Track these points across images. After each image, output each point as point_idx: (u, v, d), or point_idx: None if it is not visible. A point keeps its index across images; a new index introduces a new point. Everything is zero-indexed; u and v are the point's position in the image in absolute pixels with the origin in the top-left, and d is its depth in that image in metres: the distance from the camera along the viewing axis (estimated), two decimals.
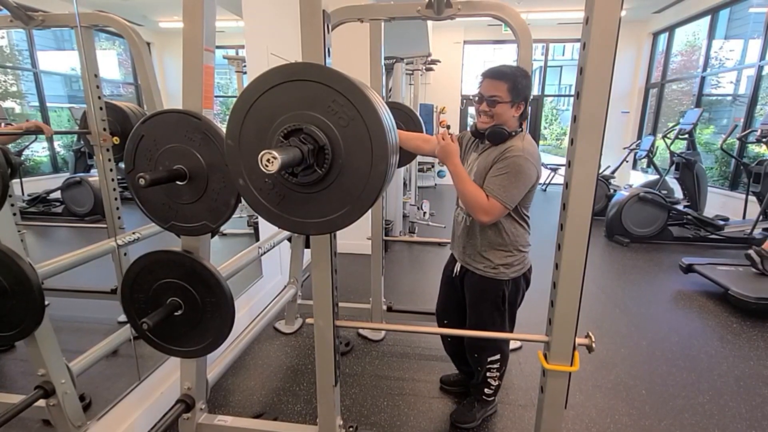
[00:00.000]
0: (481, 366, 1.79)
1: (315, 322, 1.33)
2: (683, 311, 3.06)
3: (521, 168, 1.45)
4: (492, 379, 1.80)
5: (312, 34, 1.08)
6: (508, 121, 1.53)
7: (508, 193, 1.45)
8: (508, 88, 1.49)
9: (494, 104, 1.51)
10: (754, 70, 5.71)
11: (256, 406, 1.98)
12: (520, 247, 1.62)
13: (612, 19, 0.94)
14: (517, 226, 1.60)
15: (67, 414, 1.40)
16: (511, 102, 1.50)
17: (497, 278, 1.62)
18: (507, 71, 1.50)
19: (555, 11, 7.32)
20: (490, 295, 1.65)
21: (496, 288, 1.63)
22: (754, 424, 1.89)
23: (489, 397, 1.87)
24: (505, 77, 1.49)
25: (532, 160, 1.46)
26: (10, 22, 1.66)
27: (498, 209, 1.46)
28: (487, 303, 1.66)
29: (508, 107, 1.50)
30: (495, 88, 1.50)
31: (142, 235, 1.98)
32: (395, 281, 3.57)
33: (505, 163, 1.47)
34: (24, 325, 1.24)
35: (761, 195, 4.45)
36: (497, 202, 1.45)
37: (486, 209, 1.45)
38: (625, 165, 7.55)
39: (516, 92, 1.49)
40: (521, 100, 1.51)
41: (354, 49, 2.86)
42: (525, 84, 1.51)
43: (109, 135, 1.82)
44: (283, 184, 0.89)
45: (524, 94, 1.51)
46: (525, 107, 1.54)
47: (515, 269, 1.63)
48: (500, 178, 1.46)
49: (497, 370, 1.79)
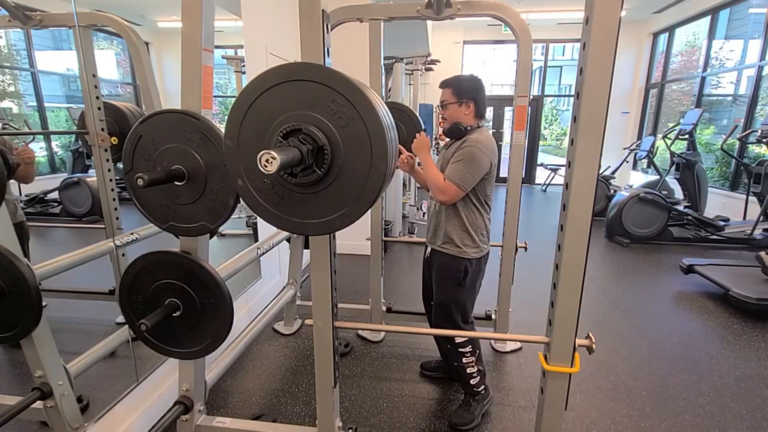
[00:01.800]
0: (455, 356, 1.85)
1: (314, 323, 1.32)
2: (684, 312, 3.05)
3: (474, 156, 1.67)
4: (470, 365, 1.86)
5: (311, 33, 1.08)
6: (461, 119, 1.77)
7: (462, 176, 1.67)
8: (452, 91, 1.77)
9: (445, 107, 1.79)
10: (755, 70, 5.71)
11: (255, 408, 1.98)
12: (478, 230, 1.80)
13: (612, 19, 0.94)
14: (476, 212, 1.79)
15: (65, 416, 1.39)
16: (458, 102, 1.76)
17: (459, 256, 1.79)
18: (451, 79, 1.80)
19: (555, 11, 7.32)
20: (453, 272, 1.81)
21: (458, 265, 1.80)
22: (755, 425, 1.89)
23: (478, 388, 1.89)
24: (449, 84, 1.78)
25: (485, 150, 1.68)
26: (8, 21, 1.66)
27: (453, 190, 1.68)
28: (450, 279, 1.82)
29: (457, 107, 1.76)
30: (444, 95, 1.80)
31: (140, 235, 1.97)
32: (395, 282, 3.56)
33: (461, 152, 1.70)
34: (21, 326, 1.23)
35: (762, 195, 4.44)
36: (452, 183, 1.68)
37: (443, 189, 1.69)
38: (626, 165, 7.55)
39: (460, 93, 1.75)
40: (469, 99, 1.75)
41: (353, 49, 2.86)
42: (468, 86, 1.76)
43: (107, 135, 1.82)
44: (282, 185, 0.88)
45: (470, 94, 1.75)
46: (476, 106, 1.76)
47: (475, 250, 1.80)
48: (455, 164, 1.69)
49: (471, 354, 1.85)
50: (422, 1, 1.90)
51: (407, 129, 2.27)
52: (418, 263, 4.20)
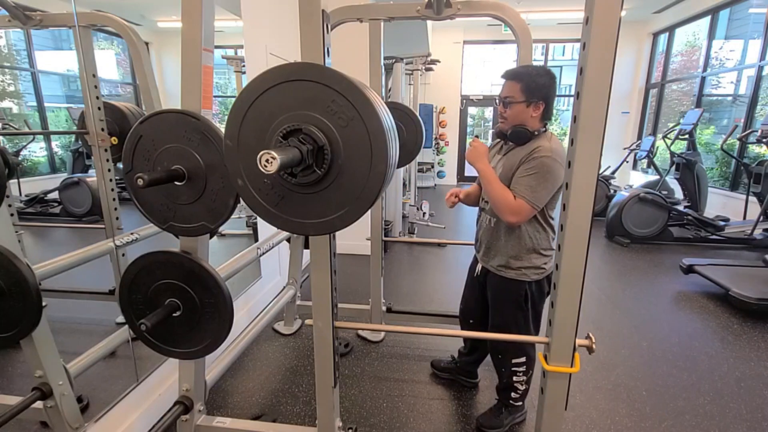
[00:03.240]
0: (506, 368, 1.75)
1: (314, 324, 1.32)
2: (684, 312, 3.05)
3: (550, 168, 1.44)
4: (519, 383, 1.76)
5: (311, 33, 1.07)
6: (526, 121, 1.52)
7: (536, 194, 1.44)
8: (522, 88, 1.49)
9: (509, 105, 1.52)
10: (755, 70, 5.71)
11: (255, 408, 1.98)
12: (542, 250, 1.60)
13: (612, 19, 0.94)
14: (540, 229, 1.58)
15: (65, 416, 1.39)
16: (525, 102, 1.49)
17: (519, 279, 1.62)
18: (521, 71, 1.50)
19: (555, 11, 7.33)
20: (512, 296, 1.64)
21: (518, 289, 1.63)
22: (755, 425, 1.89)
23: (516, 402, 1.81)
24: (518, 77, 1.49)
25: (560, 161, 1.44)
26: (8, 21, 1.65)
27: (526, 210, 1.45)
28: (509, 303, 1.66)
29: (524, 107, 1.50)
30: (509, 89, 1.52)
31: (140, 235, 1.97)
32: (395, 282, 3.56)
33: (533, 164, 1.46)
34: (21, 326, 1.23)
35: (762, 196, 4.44)
36: (525, 202, 1.44)
37: (514, 210, 1.46)
38: (626, 165, 7.54)
39: (530, 92, 1.48)
40: (539, 100, 1.49)
41: (353, 49, 2.86)
42: (542, 83, 1.48)
43: (107, 135, 1.82)
44: (282, 185, 0.88)
45: (542, 93, 1.49)
46: (546, 108, 1.52)
47: (537, 272, 1.61)
48: (528, 179, 1.45)
49: (524, 374, 1.74)
50: (422, 1, 1.90)
51: (407, 129, 2.26)
52: (419, 263, 4.23)
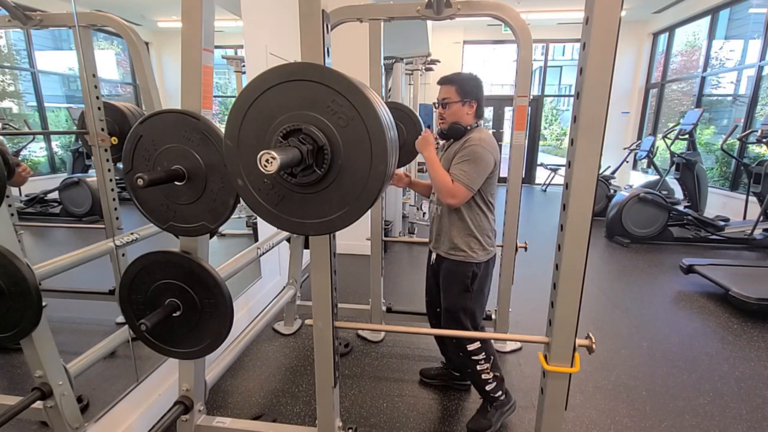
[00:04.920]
0: (465, 361, 1.80)
1: (314, 323, 1.32)
2: (684, 312, 3.05)
3: (479, 155, 1.63)
4: (484, 371, 1.79)
5: (311, 33, 1.07)
6: (462, 119, 1.72)
7: (470, 177, 1.62)
8: (456, 89, 1.70)
9: (447, 105, 1.72)
10: (755, 70, 5.71)
11: (255, 408, 1.98)
12: (485, 232, 1.76)
13: (612, 19, 0.94)
14: (479, 212, 1.74)
15: (65, 416, 1.39)
16: (461, 101, 1.70)
17: (466, 261, 1.75)
18: (454, 77, 1.73)
19: (555, 11, 7.32)
20: (460, 277, 1.76)
21: (465, 270, 1.75)
22: (755, 425, 1.89)
23: (495, 394, 1.81)
24: (452, 81, 1.72)
25: (489, 148, 1.64)
26: (8, 21, 1.65)
27: (462, 191, 1.63)
28: (457, 285, 1.78)
29: (460, 106, 1.71)
30: (445, 92, 1.73)
31: (140, 235, 1.97)
32: (395, 282, 3.56)
33: (465, 152, 1.65)
34: (21, 326, 1.23)
35: (762, 195, 4.45)
36: (460, 185, 1.62)
37: (452, 192, 1.63)
38: (626, 165, 7.55)
39: (464, 92, 1.70)
40: (472, 99, 1.71)
41: (353, 49, 2.86)
42: (473, 85, 1.71)
43: (107, 135, 1.82)
44: (282, 185, 0.88)
45: (474, 93, 1.71)
46: (478, 105, 1.73)
47: (482, 253, 1.76)
48: (461, 165, 1.64)
49: (485, 361, 1.78)
50: (422, 1, 1.90)
51: (407, 129, 2.26)
52: (418, 263, 4.22)
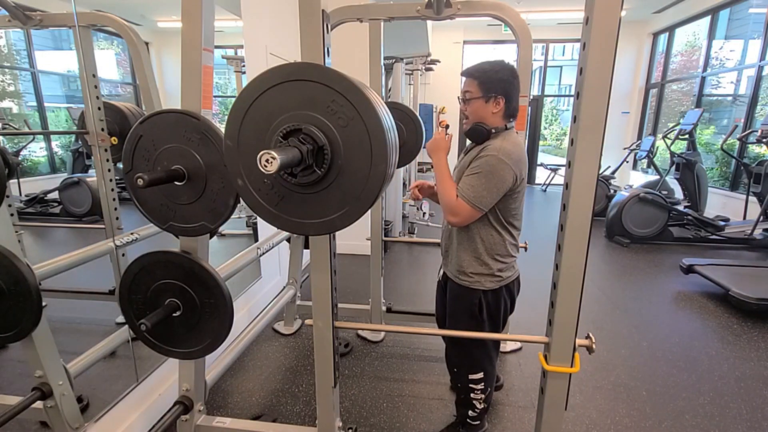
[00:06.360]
0: (462, 383, 1.63)
1: (314, 323, 1.32)
2: (684, 312, 3.05)
3: (493, 168, 1.34)
4: (476, 401, 1.63)
5: (311, 33, 1.07)
6: (486, 118, 1.43)
7: (477, 194, 1.34)
8: (478, 83, 1.41)
9: (468, 101, 1.45)
10: (755, 70, 5.70)
11: (255, 408, 1.98)
12: (497, 256, 1.47)
13: (612, 19, 0.94)
14: (495, 234, 1.46)
15: (65, 416, 1.39)
16: (483, 97, 1.41)
17: (472, 287, 1.49)
18: (478, 67, 1.43)
19: (555, 11, 7.32)
20: (466, 305, 1.52)
21: (471, 298, 1.50)
22: (755, 425, 1.89)
23: (474, 422, 1.68)
24: (475, 73, 1.42)
25: (507, 161, 1.34)
26: (8, 21, 1.65)
27: (465, 210, 1.36)
28: (463, 313, 1.54)
29: (482, 103, 1.41)
30: (468, 86, 1.44)
31: (140, 235, 1.97)
32: (395, 282, 3.56)
33: (479, 162, 1.37)
34: (21, 326, 1.23)
35: (762, 196, 4.44)
36: (465, 202, 1.35)
37: (453, 209, 1.37)
38: (626, 165, 7.55)
39: (487, 87, 1.40)
40: (497, 95, 1.40)
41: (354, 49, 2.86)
42: (499, 77, 1.40)
43: (107, 135, 1.82)
44: (282, 185, 0.88)
45: (500, 87, 1.40)
46: (507, 103, 1.42)
47: (492, 279, 1.48)
48: (471, 178, 1.36)
49: (481, 392, 1.61)
50: (422, 1, 1.90)
51: (407, 129, 2.26)
52: (419, 263, 4.23)
